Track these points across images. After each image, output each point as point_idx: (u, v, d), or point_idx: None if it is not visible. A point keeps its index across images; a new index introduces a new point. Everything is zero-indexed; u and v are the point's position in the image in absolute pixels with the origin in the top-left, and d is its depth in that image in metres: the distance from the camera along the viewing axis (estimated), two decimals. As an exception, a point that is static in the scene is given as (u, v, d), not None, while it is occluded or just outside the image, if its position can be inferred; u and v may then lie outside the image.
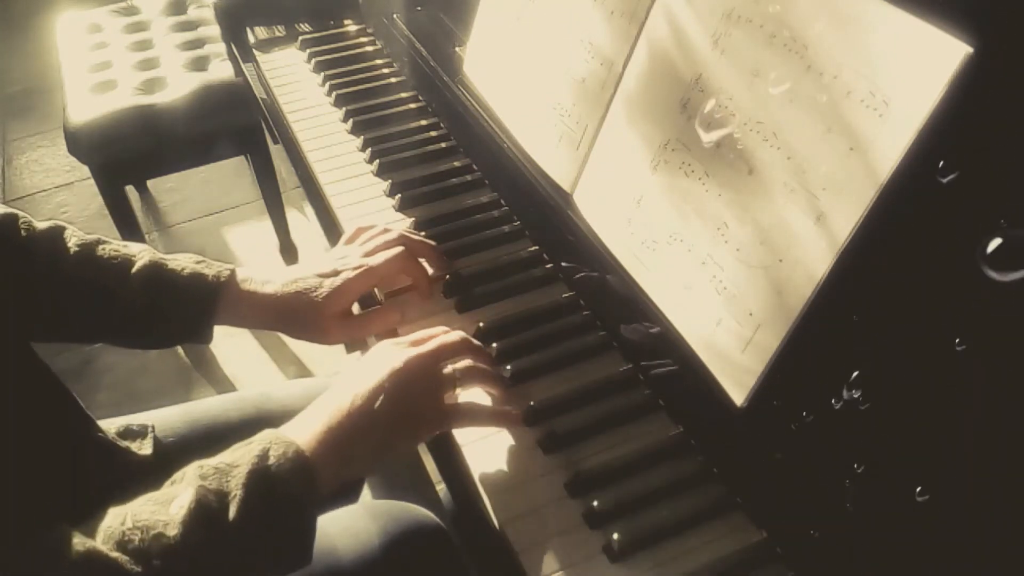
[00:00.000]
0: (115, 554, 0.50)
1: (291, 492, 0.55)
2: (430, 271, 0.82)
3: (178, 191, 2.31)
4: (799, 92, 0.54)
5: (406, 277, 0.81)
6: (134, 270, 0.74)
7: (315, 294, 0.75)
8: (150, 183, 2.27)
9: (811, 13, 0.53)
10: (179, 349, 1.86)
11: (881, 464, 0.50)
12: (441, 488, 0.67)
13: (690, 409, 0.67)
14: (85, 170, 1.79)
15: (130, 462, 0.74)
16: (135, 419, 0.83)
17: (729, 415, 0.58)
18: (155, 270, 0.74)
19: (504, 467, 0.66)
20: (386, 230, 0.82)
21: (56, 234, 0.75)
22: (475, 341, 0.72)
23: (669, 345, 0.64)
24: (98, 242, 0.75)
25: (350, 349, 1.06)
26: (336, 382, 0.64)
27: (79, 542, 0.49)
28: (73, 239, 0.75)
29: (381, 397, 0.61)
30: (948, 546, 0.47)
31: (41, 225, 0.75)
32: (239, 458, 0.56)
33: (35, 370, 0.67)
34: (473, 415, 0.68)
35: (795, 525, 0.56)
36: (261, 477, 0.55)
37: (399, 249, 0.78)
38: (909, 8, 0.48)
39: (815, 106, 0.53)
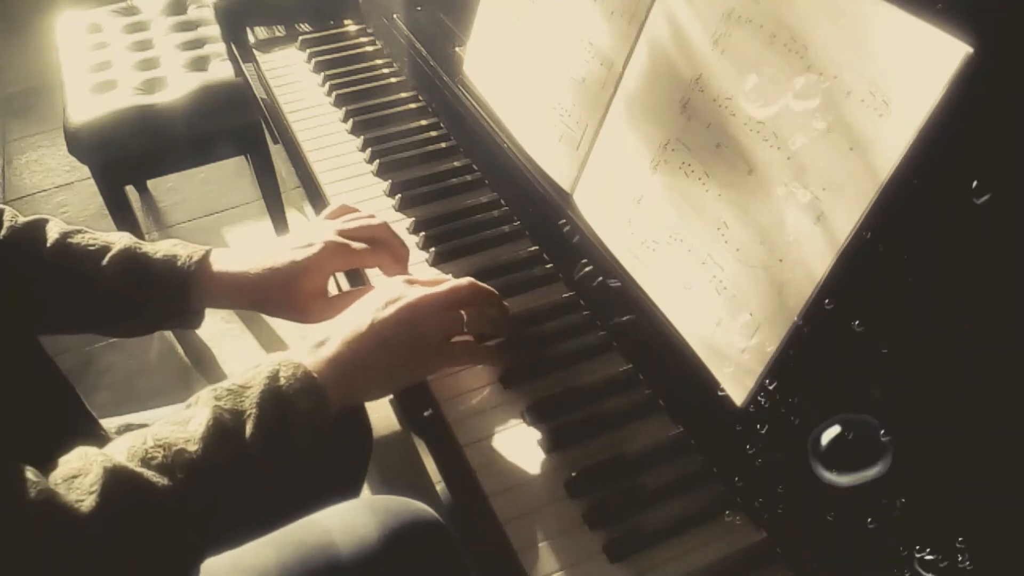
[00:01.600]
0: (140, 469, 0.51)
1: (303, 410, 0.57)
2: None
3: (178, 191, 2.31)
4: (799, 92, 0.54)
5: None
6: (108, 257, 0.74)
7: (287, 270, 0.74)
8: (150, 183, 2.27)
9: (811, 13, 0.53)
10: (179, 349, 1.86)
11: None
12: (440, 487, 0.67)
13: (690, 409, 0.67)
14: (85, 170, 1.79)
15: None
16: (135, 419, 0.83)
17: (729, 415, 0.58)
18: (128, 255, 0.75)
19: (504, 467, 0.66)
20: (371, 216, 0.81)
21: (38, 226, 0.75)
22: (484, 285, 0.71)
23: (670, 345, 0.64)
24: (77, 232, 0.76)
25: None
26: (349, 309, 0.65)
27: (103, 459, 0.50)
28: (54, 231, 0.75)
29: (395, 327, 0.63)
30: (949, 546, 0.47)
31: (24, 219, 0.76)
32: (250, 380, 0.57)
33: (40, 366, 0.67)
34: (474, 354, 0.70)
35: (795, 525, 0.56)
36: (273, 395, 0.56)
37: (379, 245, 0.78)
38: (909, 8, 0.48)
39: (815, 106, 0.53)
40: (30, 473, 0.49)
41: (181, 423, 0.55)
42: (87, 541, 0.48)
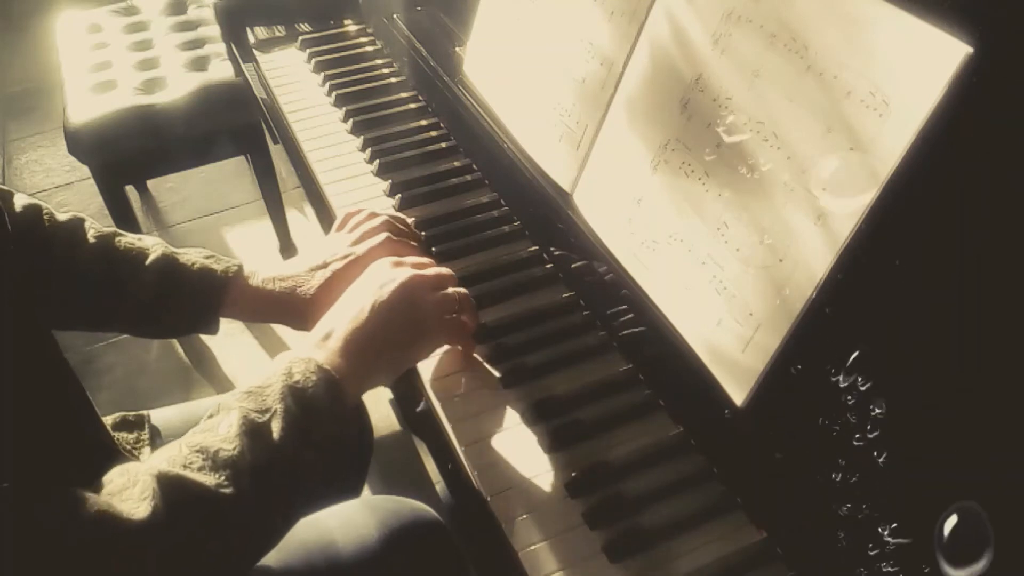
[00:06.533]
0: (184, 472, 0.52)
1: (322, 402, 0.58)
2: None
3: (178, 191, 2.30)
4: (799, 92, 0.54)
5: None
6: (147, 263, 0.77)
7: (306, 288, 0.78)
8: (150, 183, 2.27)
9: (811, 13, 0.53)
10: (179, 349, 1.86)
11: (881, 463, 0.50)
12: (440, 487, 0.67)
13: (690, 409, 0.67)
14: (85, 170, 1.78)
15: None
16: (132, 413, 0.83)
17: (729, 415, 0.58)
18: (167, 264, 0.77)
19: (504, 467, 0.66)
20: (372, 215, 0.83)
21: (76, 225, 0.78)
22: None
23: (669, 345, 0.64)
24: (115, 235, 0.79)
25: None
26: (344, 298, 0.67)
27: (147, 469, 0.51)
28: (92, 231, 0.78)
29: (395, 306, 0.65)
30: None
31: (62, 217, 0.78)
32: (267, 380, 0.59)
33: (52, 361, 0.67)
34: (466, 332, 0.72)
35: (795, 525, 0.56)
36: (293, 391, 0.58)
37: (382, 236, 0.79)
38: (909, 8, 0.48)
39: (815, 106, 0.53)
40: (82, 492, 0.49)
41: (210, 429, 0.56)
42: (149, 545, 0.49)
